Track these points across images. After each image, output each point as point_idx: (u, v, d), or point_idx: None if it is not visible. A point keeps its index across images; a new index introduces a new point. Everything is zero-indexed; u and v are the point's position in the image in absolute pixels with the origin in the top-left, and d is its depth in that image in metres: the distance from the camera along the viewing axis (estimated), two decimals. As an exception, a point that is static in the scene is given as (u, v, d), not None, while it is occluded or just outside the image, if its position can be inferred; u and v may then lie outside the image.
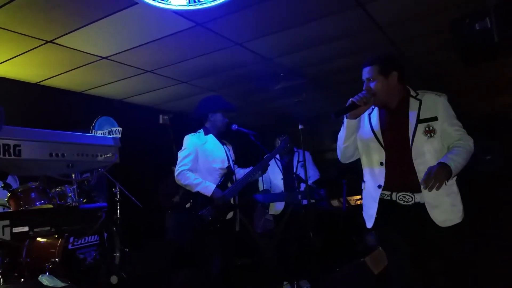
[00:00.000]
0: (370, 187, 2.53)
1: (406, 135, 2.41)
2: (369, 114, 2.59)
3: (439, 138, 2.38)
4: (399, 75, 2.46)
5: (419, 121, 2.40)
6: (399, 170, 2.41)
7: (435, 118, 2.38)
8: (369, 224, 2.53)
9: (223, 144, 3.70)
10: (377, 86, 2.44)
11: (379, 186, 2.45)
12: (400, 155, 2.41)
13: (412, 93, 2.51)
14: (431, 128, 2.37)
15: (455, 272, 2.41)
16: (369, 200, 2.53)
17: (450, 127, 2.38)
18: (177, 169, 3.47)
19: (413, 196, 2.36)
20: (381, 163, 2.44)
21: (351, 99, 2.40)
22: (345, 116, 2.46)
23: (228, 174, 3.61)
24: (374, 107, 2.57)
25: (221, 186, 3.49)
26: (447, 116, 2.39)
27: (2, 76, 4.83)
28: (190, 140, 3.56)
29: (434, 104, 2.41)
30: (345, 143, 2.54)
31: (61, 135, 1.85)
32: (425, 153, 2.36)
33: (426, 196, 2.31)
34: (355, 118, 2.45)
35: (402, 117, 2.45)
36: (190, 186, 3.42)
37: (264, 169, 3.73)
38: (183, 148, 3.57)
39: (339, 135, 2.59)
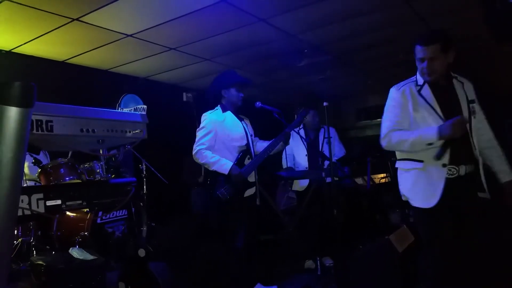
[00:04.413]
0: (432, 166, 2.49)
1: (460, 113, 2.49)
2: (419, 91, 2.59)
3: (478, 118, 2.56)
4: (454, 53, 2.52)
5: (469, 101, 2.55)
6: (458, 145, 2.47)
7: (474, 101, 2.56)
8: (426, 204, 2.49)
9: (240, 120, 3.69)
10: (438, 66, 2.48)
11: (444, 165, 2.46)
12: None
13: (453, 74, 2.62)
14: (473, 109, 2.54)
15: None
16: (429, 178, 2.50)
17: (481, 114, 2.60)
18: (195, 148, 3.49)
19: (457, 169, 2.48)
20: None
21: (452, 132, 2.36)
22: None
23: (246, 150, 3.60)
24: (424, 84, 2.59)
25: (238, 162, 3.49)
26: (477, 101, 2.60)
27: (30, 55, 4.92)
28: (208, 118, 3.53)
29: (470, 88, 2.60)
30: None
31: (91, 111, 1.88)
32: (473, 130, 2.52)
33: (481, 170, 2.51)
34: None
35: (453, 95, 2.55)
36: (207, 164, 3.42)
37: (286, 141, 3.67)
38: (201, 126, 3.54)
39: (409, 143, 2.51)
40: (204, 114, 3.60)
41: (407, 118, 2.59)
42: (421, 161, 2.54)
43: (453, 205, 2.47)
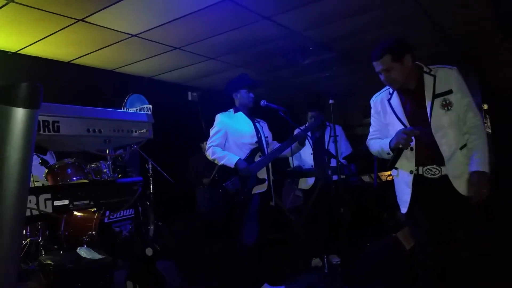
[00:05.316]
0: (403, 174, 2.54)
1: (425, 112, 2.45)
2: (389, 100, 2.61)
3: (457, 110, 2.42)
4: (412, 56, 2.47)
5: (435, 96, 2.44)
6: (425, 146, 2.44)
7: (450, 91, 2.42)
8: (404, 209, 2.55)
9: (254, 121, 3.79)
10: (396, 75, 2.46)
11: (411, 172, 2.49)
12: (425, 132, 2.43)
13: (426, 69, 2.53)
14: (447, 101, 2.42)
15: (477, 244, 2.44)
16: (403, 186, 2.55)
17: (463, 101, 2.42)
18: (207, 145, 3.66)
19: (439, 169, 2.42)
20: (411, 149, 2.47)
21: (395, 144, 2.44)
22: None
23: (256, 149, 3.68)
24: (393, 92, 2.60)
25: (248, 159, 3.59)
26: (459, 88, 2.43)
27: (36, 56, 4.94)
28: (219, 119, 3.72)
29: (447, 77, 2.45)
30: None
31: (98, 112, 1.89)
32: (444, 126, 2.41)
33: (450, 168, 2.38)
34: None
35: (420, 95, 2.49)
36: (217, 159, 3.57)
37: (301, 142, 3.75)
38: (213, 126, 3.73)
39: (379, 153, 2.67)
40: (216, 115, 3.77)
41: (383, 127, 2.68)
42: (396, 168, 2.59)
43: (439, 204, 2.44)
